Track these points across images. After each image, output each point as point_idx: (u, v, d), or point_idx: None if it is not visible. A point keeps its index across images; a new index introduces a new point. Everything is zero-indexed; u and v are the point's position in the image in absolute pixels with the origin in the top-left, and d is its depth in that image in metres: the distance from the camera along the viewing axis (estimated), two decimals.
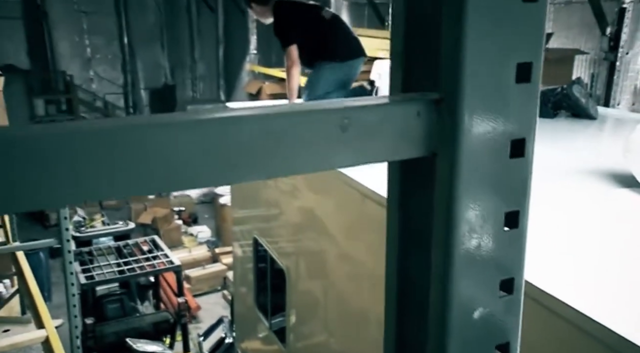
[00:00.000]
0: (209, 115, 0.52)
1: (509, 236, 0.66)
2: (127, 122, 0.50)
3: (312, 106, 0.57)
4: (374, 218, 3.65)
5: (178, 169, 0.50)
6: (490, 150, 0.62)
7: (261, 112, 0.53)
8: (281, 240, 5.45)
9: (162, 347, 7.55)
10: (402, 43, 0.65)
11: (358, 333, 4.16)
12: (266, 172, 0.54)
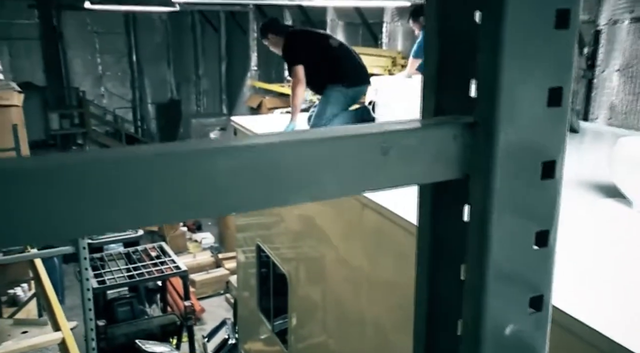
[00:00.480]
0: (255, 141, 0.49)
1: (539, 255, 0.63)
2: (172, 149, 0.47)
3: (353, 131, 0.54)
4: (371, 226, 3.64)
5: (225, 194, 0.48)
6: (523, 172, 0.60)
7: (305, 138, 0.51)
8: (283, 246, 5.42)
9: (169, 348, 7.51)
10: (435, 68, 0.63)
11: (355, 334, 4.13)
12: (309, 196, 0.52)
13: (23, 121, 6.57)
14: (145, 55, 19.83)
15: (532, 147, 0.60)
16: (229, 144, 0.49)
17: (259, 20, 16.53)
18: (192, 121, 18.71)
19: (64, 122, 18.10)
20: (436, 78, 0.63)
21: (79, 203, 0.43)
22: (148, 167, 0.45)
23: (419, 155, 0.56)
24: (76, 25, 18.33)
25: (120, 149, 0.46)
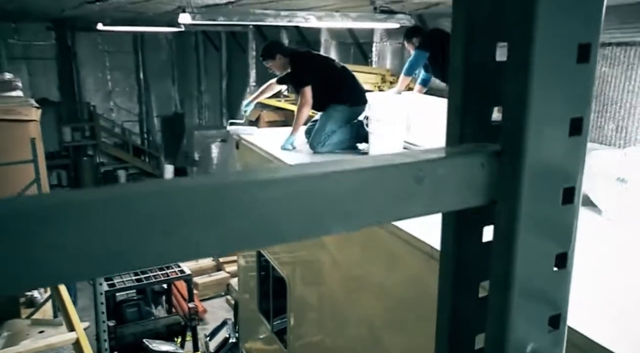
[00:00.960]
0: (296, 173, 0.48)
1: (558, 276, 0.62)
2: (218, 181, 0.46)
3: (389, 160, 0.53)
4: (362, 233, 3.64)
5: (268, 225, 0.46)
6: (545, 198, 0.59)
7: (346, 168, 0.49)
8: (282, 252, 5.39)
9: (174, 347, 7.47)
10: (460, 97, 0.61)
11: (349, 332, 4.12)
12: (348, 225, 0.50)
13: (40, 134, 6.56)
14: (152, 72, 19.84)
15: (554, 173, 0.59)
16: (271, 175, 0.47)
17: (258, 40, 16.55)
18: (195, 133, 18.68)
19: (76, 135, 18.05)
20: (461, 107, 0.62)
21: (126, 237, 0.41)
22: (194, 200, 0.43)
23: (450, 183, 0.55)
24: (89, 45, 18.42)
25: (164, 181, 0.44)
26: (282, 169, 0.48)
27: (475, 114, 0.63)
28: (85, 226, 0.40)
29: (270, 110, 14.82)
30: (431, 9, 7.89)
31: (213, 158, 17.67)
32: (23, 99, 7.34)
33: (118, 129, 19.40)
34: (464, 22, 0.61)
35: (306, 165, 0.49)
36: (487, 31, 0.62)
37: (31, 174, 6.11)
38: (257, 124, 14.81)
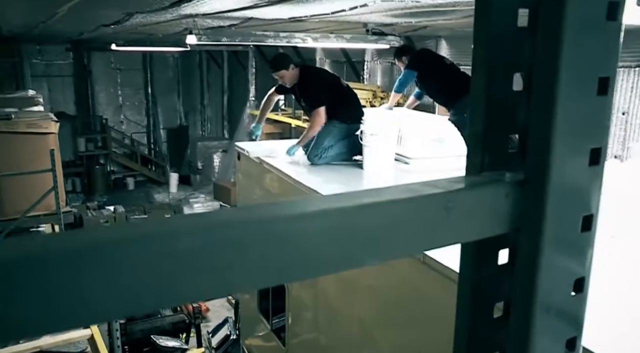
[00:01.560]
0: (333, 205, 0.44)
1: (576, 299, 0.59)
2: (254, 215, 0.42)
3: (419, 191, 0.49)
4: None
5: (306, 258, 0.43)
6: (566, 225, 0.56)
7: (379, 200, 0.46)
8: None
9: (179, 343, 7.39)
10: (482, 125, 0.58)
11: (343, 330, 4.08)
12: (383, 257, 0.47)
13: (58, 146, 6.55)
14: (159, 88, 19.88)
15: (575, 202, 0.56)
16: (306, 209, 0.44)
17: (258, 58, 16.56)
18: (198, 144, 18.65)
19: (90, 145, 18.07)
20: (483, 136, 0.59)
21: (170, 272, 0.38)
22: (230, 235, 0.40)
23: (476, 213, 0.52)
24: (102, 63, 18.55)
25: (208, 214, 0.41)
26: (315, 201, 0.45)
27: (493, 143, 0.60)
28: (126, 265, 0.37)
29: (269, 123, 14.79)
30: (419, 31, 7.90)
31: (215, 167, 17.62)
32: (44, 114, 7.32)
33: (127, 140, 19.36)
34: (485, 55, 0.58)
35: (339, 197, 0.46)
36: (506, 63, 0.59)
37: (50, 181, 6.08)
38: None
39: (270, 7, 4.94)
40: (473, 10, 0.65)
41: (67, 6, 5.13)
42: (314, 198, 0.45)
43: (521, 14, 0.60)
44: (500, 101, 0.60)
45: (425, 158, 4.72)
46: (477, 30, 0.57)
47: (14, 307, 0.34)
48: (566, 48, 0.51)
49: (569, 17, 0.50)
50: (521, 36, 0.59)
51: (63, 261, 0.35)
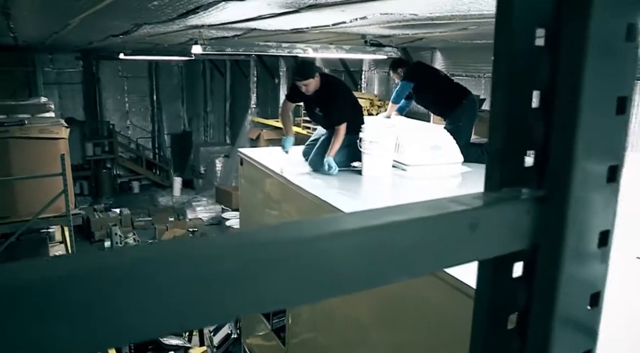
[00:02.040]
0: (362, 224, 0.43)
1: (592, 313, 0.58)
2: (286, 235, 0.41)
3: (445, 208, 0.48)
4: None
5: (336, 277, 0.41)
6: (584, 240, 0.55)
7: (408, 218, 0.45)
8: None
9: (182, 341, 7.35)
10: (502, 141, 0.57)
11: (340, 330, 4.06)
12: (411, 273, 0.46)
13: (68, 151, 6.56)
14: (164, 95, 19.91)
15: (593, 218, 0.55)
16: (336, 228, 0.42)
17: (259, 67, 16.57)
18: (201, 149, 18.63)
19: (97, 150, 18.10)
20: (502, 152, 0.58)
21: (205, 292, 0.37)
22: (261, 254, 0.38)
23: (499, 230, 0.51)
24: (110, 71, 18.60)
25: (240, 235, 0.40)
26: (345, 219, 0.44)
27: (511, 159, 0.59)
28: (164, 284, 0.35)
29: (270, 130, 14.81)
30: (415, 42, 7.92)
31: (217, 171, 17.61)
32: (55, 119, 7.33)
33: (133, 145, 19.37)
34: (506, 73, 0.57)
35: (369, 215, 0.44)
36: (524, 81, 0.58)
37: (60, 185, 6.07)
38: (257, 142, 14.77)
39: (274, 18, 4.93)
40: (468, 23, 0.64)
41: (79, 18, 5.12)
42: (343, 217, 0.44)
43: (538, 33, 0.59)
44: (518, 118, 0.59)
45: (422, 165, 4.72)
46: (497, 49, 0.57)
47: (56, 326, 0.33)
48: (588, 69, 0.50)
49: (591, 39, 0.49)
50: (538, 55, 0.58)
51: (101, 281, 0.34)
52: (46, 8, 4.67)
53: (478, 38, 6.81)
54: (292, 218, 4.88)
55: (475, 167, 5.18)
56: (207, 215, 15.52)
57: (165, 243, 0.38)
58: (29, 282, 0.31)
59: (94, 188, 17.66)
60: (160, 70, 19.41)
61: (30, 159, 6.59)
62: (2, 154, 6.49)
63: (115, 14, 5.01)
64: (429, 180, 4.61)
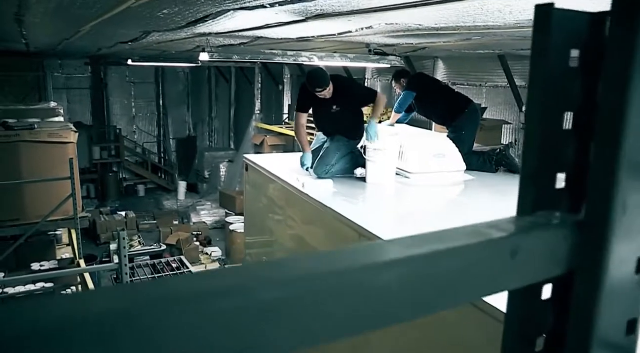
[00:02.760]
0: (409, 253, 0.41)
1: (629, 341, 0.55)
2: (333, 267, 0.39)
3: (488, 234, 0.46)
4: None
5: (384, 308, 0.39)
6: (622, 267, 0.53)
7: (454, 245, 0.43)
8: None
9: None
10: (536, 163, 0.55)
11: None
12: (454, 302, 0.44)
13: (76, 155, 6.56)
14: (170, 101, 19.94)
15: (631, 243, 0.53)
16: (381, 259, 0.40)
17: (263, 73, 16.58)
18: (205, 154, 18.62)
19: (104, 154, 18.11)
20: (536, 174, 0.56)
21: (247, 326, 0.35)
22: (317, 286, 0.36)
23: (538, 256, 0.49)
24: (118, 77, 18.66)
25: (282, 266, 0.37)
26: (387, 247, 0.42)
27: (543, 181, 0.57)
28: (205, 319, 0.33)
29: (273, 136, 14.80)
30: (418, 52, 7.91)
31: (221, 176, 17.58)
32: (64, 124, 7.33)
33: (139, 149, 19.38)
34: (541, 95, 0.55)
35: (411, 243, 0.42)
36: (557, 102, 0.56)
37: (69, 188, 6.06)
38: (261, 148, 14.76)
39: (281, 27, 4.92)
40: (472, 34, 0.62)
41: (90, 25, 5.12)
42: (385, 245, 0.42)
43: (572, 54, 0.57)
44: (551, 139, 0.57)
45: (426, 173, 4.70)
46: (533, 71, 0.55)
47: None
48: (634, 89, 0.48)
49: (637, 62, 0.47)
50: (572, 76, 0.56)
51: (140, 315, 0.32)
52: (59, 15, 4.67)
53: (481, 48, 6.80)
54: (297, 224, 4.86)
55: (478, 175, 5.16)
56: (211, 219, 15.49)
57: (196, 275, 0.36)
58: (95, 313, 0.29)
59: (100, 191, 17.66)
60: (166, 76, 19.45)
61: (39, 163, 6.58)
62: (12, 157, 6.49)
63: (126, 22, 5.00)
64: (432, 188, 4.59)
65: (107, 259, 12.00)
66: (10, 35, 7.13)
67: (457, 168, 4.91)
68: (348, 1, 3.19)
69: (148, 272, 8.05)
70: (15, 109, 8.00)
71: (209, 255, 12.96)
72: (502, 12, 3.23)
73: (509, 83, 8.32)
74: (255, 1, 3.39)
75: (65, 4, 3.99)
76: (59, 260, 6.88)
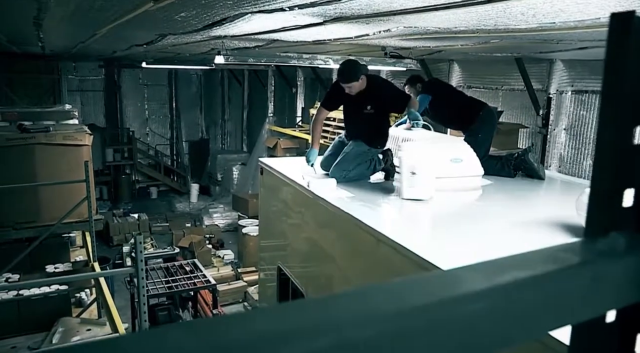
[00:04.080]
0: (492, 282, 0.38)
1: None
2: (420, 300, 0.37)
3: (567, 260, 0.43)
4: (368, 249, 3.56)
5: (469, 338, 0.37)
6: None
7: (535, 273, 0.40)
8: (301, 268, 5.27)
9: None
10: (609, 181, 0.53)
11: None
12: (535, 332, 0.41)
13: (91, 157, 6.58)
14: (183, 103, 20.04)
15: None
16: (464, 290, 0.38)
17: (276, 76, 16.59)
18: (218, 156, 18.67)
19: (117, 156, 18.20)
20: (608, 192, 0.53)
21: None
22: (403, 323, 0.34)
23: (617, 281, 0.46)
24: (131, 79, 18.81)
25: (363, 300, 0.35)
26: (467, 276, 0.39)
27: (614, 199, 0.54)
28: None
29: (287, 139, 14.80)
30: (434, 54, 7.86)
31: (234, 179, 17.61)
32: (79, 126, 7.37)
33: (152, 151, 19.48)
34: (616, 112, 0.52)
35: (489, 269, 0.40)
36: (628, 117, 0.54)
37: (83, 190, 6.09)
38: (274, 151, 14.76)
39: (297, 30, 4.90)
40: (491, 37, 0.59)
41: (106, 28, 5.14)
42: (463, 274, 0.40)
43: None
44: (622, 155, 0.54)
45: (444, 177, 4.65)
46: (607, 85, 0.52)
47: None
48: None
49: None
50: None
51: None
52: (76, 18, 4.69)
53: (498, 51, 6.74)
54: (312, 228, 4.84)
55: (495, 180, 5.11)
56: (223, 221, 15.51)
57: (277, 311, 0.33)
58: None
59: (113, 193, 17.77)
60: (179, 78, 19.55)
61: (54, 165, 6.62)
62: (28, 159, 6.53)
63: (142, 25, 5.02)
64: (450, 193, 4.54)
65: (119, 261, 12.06)
66: (28, 38, 7.19)
67: (475, 172, 4.85)
68: (368, 4, 3.16)
69: (161, 274, 8.06)
70: (31, 111, 8.06)
71: (222, 258, 12.97)
72: (525, 14, 3.19)
73: (526, 86, 8.26)
74: (274, 4, 3.37)
75: (83, 7, 4.00)
76: (73, 263, 6.91)
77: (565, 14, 3.00)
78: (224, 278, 11.73)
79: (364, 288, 0.37)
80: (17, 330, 5.45)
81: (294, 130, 14.50)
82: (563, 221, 3.63)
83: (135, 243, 3.49)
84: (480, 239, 3.41)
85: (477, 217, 4.17)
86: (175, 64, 13.41)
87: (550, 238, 3.32)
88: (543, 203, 4.86)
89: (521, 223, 3.71)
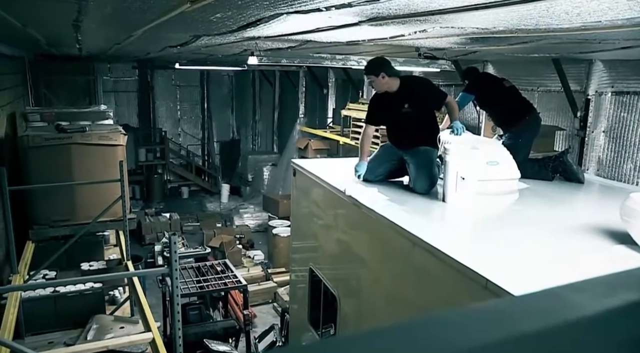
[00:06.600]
0: (604, 306, 0.34)
1: None
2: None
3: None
4: (402, 253, 3.51)
5: None
6: None
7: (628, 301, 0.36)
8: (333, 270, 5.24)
9: (230, 348, 7.33)
10: None
11: None
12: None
13: (125, 157, 6.68)
14: (214, 104, 20.24)
15: None
16: (581, 314, 0.34)
17: (308, 77, 16.62)
18: (249, 157, 18.80)
19: (149, 155, 18.45)
20: None
21: None
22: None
23: None
24: (164, 80, 19.10)
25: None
26: (575, 299, 0.35)
27: None
28: None
29: (318, 140, 14.80)
30: (468, 55, 7.74)
31: (264, 179, 17.70)
32: (113, 127, 7.49)
33: (183, 152, 19.73)
34: None
35: (600, 292, 0.36)
36: None
37: (118, 190, 6.18)
38: (305, 151, 14.77)
39: (331, 31, 4.87)
40: (531, 37, 0.56)
41: (142, 30, 5.20)
42: (569, 294, 0.36)
43: None
44: None
45: (480, 180, 4.56)
46: None
47: None
48: None
49: None
50: None
51: None
52: (114, 20, 4.76)
53: (536, 52, 6.59)
54: (345, 230, 4.81)
55: (532, 183, 5.00)
56: (253, 222, 15.59)
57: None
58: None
59: (145, 192, 18.04)
60: (211, 79, 19.76)
61: (90, 165, 6.75)
62: (65, 159, 6.67)
63: (177, 26, 5.06)
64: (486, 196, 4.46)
65: (151, 260, 12.24)
66: (67, 40, 7.33)
67: (512, 176, 4.75)
68: (407, 4, 3.11)
69: (193, 274, 8.13)
70: (68, 111, 8.23)
71: (252, 259, 13.05)
72: (569, 14, 3.09)
73: (563, 87, 8.07)
74: (310, 4, 3.34)
75: (120, 9, 4.05)
76: (107, 261, 7.03)
77: (613, 12, 2.89)
78: (254, 278, 11.78)
79: (456, 312, 0.34)
80: (53, 326, 5.56)
81: (325, 132, 14.49)
82: (605, 226, 3.53)
83: (169, 243, 3.50)
84: (521, 245, 3.33)
85: (517, 221, 4.07)
86: (207, 65, 13.55)
87: (594, 245, 3.22)
88: (583, 207, 4.73)
89: (562, 228, 3.61)
